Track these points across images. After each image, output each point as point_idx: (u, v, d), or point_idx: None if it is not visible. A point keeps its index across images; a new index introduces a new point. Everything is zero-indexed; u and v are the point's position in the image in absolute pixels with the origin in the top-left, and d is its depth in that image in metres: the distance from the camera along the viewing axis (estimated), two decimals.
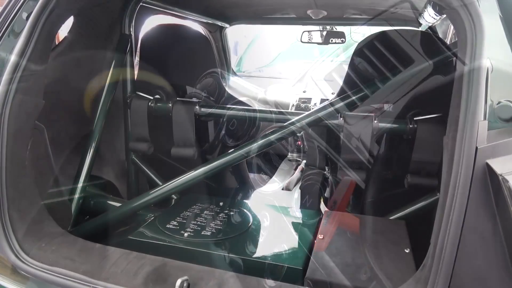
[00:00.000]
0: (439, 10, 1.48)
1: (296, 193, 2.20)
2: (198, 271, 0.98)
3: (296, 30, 3.75)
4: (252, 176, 2.24)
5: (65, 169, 1.61)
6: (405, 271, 1.09)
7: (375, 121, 1.37)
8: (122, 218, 1.45)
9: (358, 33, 3.58)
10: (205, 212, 1.43)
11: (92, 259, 0.99)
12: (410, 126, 1.33)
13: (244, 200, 1.67)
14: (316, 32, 2.67)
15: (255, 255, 1.16)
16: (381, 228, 1.34)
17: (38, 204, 1.14)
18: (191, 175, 1.42)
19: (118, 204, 1.58)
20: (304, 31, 2.69)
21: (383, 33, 1.48)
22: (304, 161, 2.70)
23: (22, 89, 1.10)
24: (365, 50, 1.47)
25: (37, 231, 1.08)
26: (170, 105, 1.59)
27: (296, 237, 1.29)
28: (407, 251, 1.20)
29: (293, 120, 1.39)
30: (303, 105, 2.82)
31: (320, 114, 1.38)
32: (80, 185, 1.51)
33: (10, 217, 1.05)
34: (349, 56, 3.80)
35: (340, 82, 3.11)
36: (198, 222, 1.35)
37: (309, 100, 2.88)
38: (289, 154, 2.92)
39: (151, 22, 2.02)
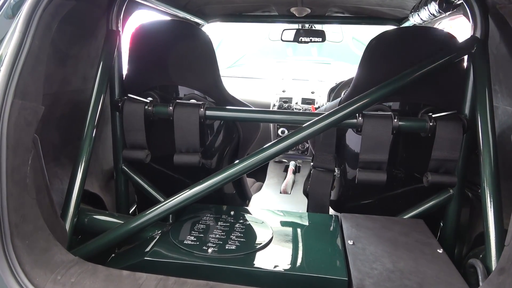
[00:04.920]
0: (446, 7, 1.49)
1: (298, 197, 2.14)
2: None
3: (268, 28, 3.70)
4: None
5: (53, 184, 1.42)
6: (448, 272, 1.06)
7: (395, 120, 1.34)
8: (126, 237, 1.29)
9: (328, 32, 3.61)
10: (219, 223, 1.32)
11: None
12: (430, 124, 1.31)
13: (251, 207, 1.57)
14: (296, 31, 2.63)
15: (294, 268, 1.08)
16: (404, 228, 1.31)
17: (43, 228, 0.97)
18: (204, 185, 1.28)
19: (116, 221, 1.41)
20: (285, 29, 2.63)
21: (396, 29, 1.45)
22: (292, 162, 2.65)
23: (21, 93, 0.92)
24: (378, 47, 1.44)
25: (47, 261, 0.91)
26: (171, 108, 1.44)
27: (325, 245, 1.22)
28: (440, 252, 1.18)
29: (312, 121, 1.32)
30: (285, 105, 2.77)
31: (340, 114, 1.32)
32: (73, 201, 1.32)
33: (14, 246, 0.88)
34: (323, 55, 3.85)
35: (317, 80, 3.13)
36: (217, 235, 1.24)
37: (290, 99, 2.84)
38: None
39: (136, 19, 1.86)
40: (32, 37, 0.95)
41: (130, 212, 1.84)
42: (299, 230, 1.33)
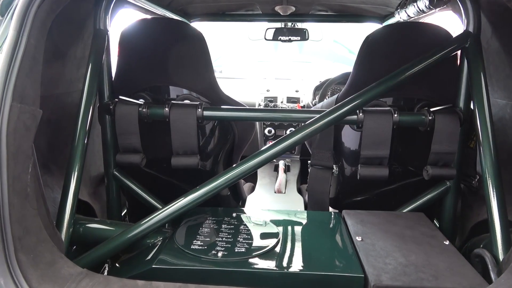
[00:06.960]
0: (437, 3, 1.52)
1: (293, 195, 2.12)
2: None
3: (246, 28, 3.67)
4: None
5: (45, 193, 1.33)
6: (458, 264, 1.08)
7: (395, 115, 1.35)
8: (127, 245, 1.23)
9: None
10: (223, 226, 1.29)
11: None
12: (429, 117, 1.33)
13: (251, 208, 1.54)
14: (279, 29, 2.62)
15: (309, 268, 1.06)
16: (408, 222, 1.32)
17: (46, 240, 0.90)
18: (203, 191, 1.22)
19: (113, 229, 1.34)
20: (268, 28, 2.62)
21: (390, 26, 1.46)
22: (281, 161, 2.63)
23: (19, 96, 0.86)
24: (374, 44, 1.44)
25: (54, 275, 0.85)
26: (166, 109, 1.39)
27: (334, 242, 1.22)
28: (446, 243, 1.20)
29: (313, 119, 1.30)
30: (271, 104, 2.76)
31: (341, 111, 1.31)
32: (68, 211, 1.25)
33: (19, 261, 0.81)
34: (304, 54, 3.86)
35: (299, 79, 3.14)
36: (223, 239, 1.20)
37: (276, 98, 2.83)
38: None
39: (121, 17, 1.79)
40: (27, 36, 0.89)
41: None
42: (305, 229, 1.32)
